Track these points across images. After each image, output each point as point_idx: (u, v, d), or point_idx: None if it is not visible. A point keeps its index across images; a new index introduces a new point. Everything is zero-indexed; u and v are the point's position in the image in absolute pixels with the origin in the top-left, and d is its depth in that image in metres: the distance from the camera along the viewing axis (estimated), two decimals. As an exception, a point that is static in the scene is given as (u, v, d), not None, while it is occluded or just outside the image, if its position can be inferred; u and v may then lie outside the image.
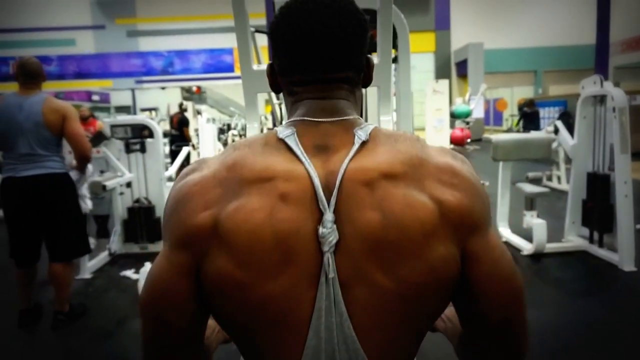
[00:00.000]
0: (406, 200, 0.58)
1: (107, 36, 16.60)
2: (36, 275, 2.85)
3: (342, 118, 0.66)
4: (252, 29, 2.68)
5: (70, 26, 16.32)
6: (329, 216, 0.57)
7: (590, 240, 3.86)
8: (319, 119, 0.65)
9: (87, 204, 3.47)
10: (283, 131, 0.64)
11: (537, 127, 9.16)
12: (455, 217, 0.59)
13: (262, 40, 1.94)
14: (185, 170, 0.66)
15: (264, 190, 0.58)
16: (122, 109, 17.70)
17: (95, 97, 17.87)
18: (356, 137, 0.63)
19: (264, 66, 1.51)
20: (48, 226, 2.72)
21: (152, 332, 0.62)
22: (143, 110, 17.45)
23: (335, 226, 0.57)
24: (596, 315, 2.77)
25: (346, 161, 0.60)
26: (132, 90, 17.41)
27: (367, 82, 0.72)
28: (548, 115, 11.73)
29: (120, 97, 17.92)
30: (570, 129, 4.27)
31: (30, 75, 2.65)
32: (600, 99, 3.77)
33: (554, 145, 5.33)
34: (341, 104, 0.67)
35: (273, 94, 2.96)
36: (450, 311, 0.83)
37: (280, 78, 0.71)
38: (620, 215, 3.48)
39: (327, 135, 0.64)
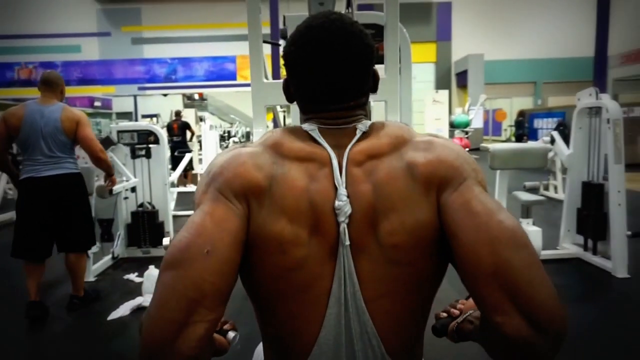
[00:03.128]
0: (388, 171, 0.68)
1: (112, 43, 16.79)
2: (44, 271, 3.03)
3: (350, 125, 0.76)
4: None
5: (76, 33, 16.51)
6: (342, 190, 0.67)
7: (585, 247, 3.94)
8: (333, 127, 0.75)
9: None
10: (308, 126, 0.75)
11: (523, 134, 11.30)
12: (423, 175, 0.67)
13: (266, 49, 2.04)
14: (225, 150, 0.77)
15: (301, 165, 0.69)
16: (123, 115, 17.84)
17: (97, 103, 18.01)
18: (358, 130, 0.74)
19: (274, 80, 1.60)
20: (61, 220, 2.98)
21: (179, 282, 0.58)
22: (144, 116, 17.57)
23: (348, 200, 0.67)
24: (591, 321, 2.84)
25: (348, 147, 0.71)
26: (134, 96, 17.55)
27: (372, 91, 0.80)
28: (547, 126, 11.83)
29: (122, 103, 18.05)
30: (567, 139, 4.37)
31: (48, 84, 2.99)
32: (596, 111, 3.87)
33: (550, 155, 5.42)
34: (352, 119, 0.77)
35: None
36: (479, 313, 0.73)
37: (295, 98, 0.80)
38: (613, 223, 3.56)
39: (339, 137, 0.74)
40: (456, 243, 0.61)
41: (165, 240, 1.40)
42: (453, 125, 11.25)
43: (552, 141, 4.41)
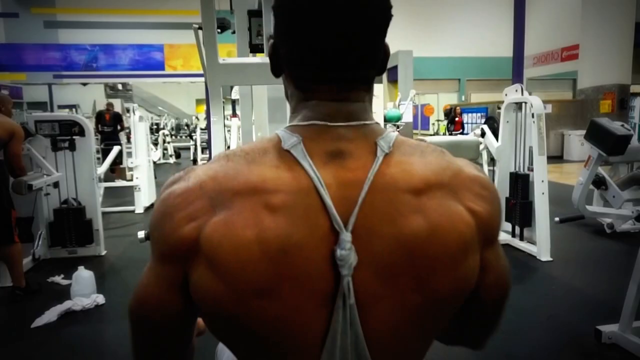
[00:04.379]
0: (444, 211, 0.56)
1: (21, 25, 15.25)
2: None
3: (359, 123, 0.59)
4: (196, 26, 2.64)
5: (-24, 13, 14.84)
6: (346, 236, 0.52)
7: (513, 234, 4.23)
8: (333, 123, 0.58)
9: None
10: (288, 139, 0.57)
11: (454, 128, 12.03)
12: (484, 229, 0.59)
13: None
14: (171, 179, 0.61)
15: (255, 203, 0.53)
16: (36, 105, 16.33)
17: (4, 92, 16.32)
18: (379, 147, 0.57)
19: (229, 60, 1.52)
20: None
21: (140, 337, 0.62)
22: (61, 107, 16.26)
23: (353, 247, 0.53)
24: (520, 300, 3.05)
25: (372, 172, 0.55)
26: (49, 85, 16.15)
27: (382, 71, 0.63)
28: (472, 120, 12.58)
29: (35, 93, 16.54)
30: (495, 132, 4.64)
31: None
32: (520, 106, 4.14)
33: (481, 147, 5.74)
34: (358, 107, 0.60)
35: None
36: None
37: (286, 66, 0.62)
38: (538, 211, 3.85)
39: (342, 140, 0.57)
40: (477, 300, 0.64)
41: (140, 233, 1.30)
42: (386, 120, 11.59)
43: (483, 134, 4.67)
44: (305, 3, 0.55)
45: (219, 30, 2.78)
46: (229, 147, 4.75)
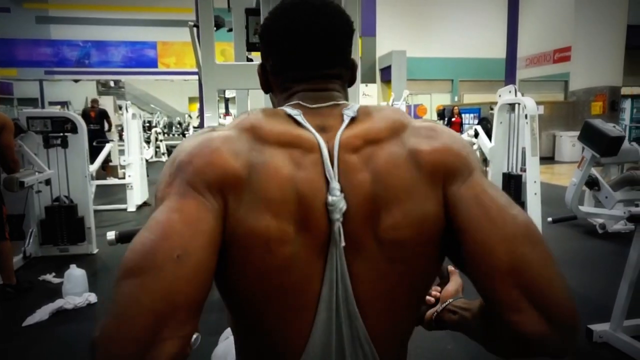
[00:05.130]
0: (389, 158, 0.62)
1: (13, 21, 15.04)
2: None
3: (334, 103, 0.70)
4: (191, 23, 2.62)
5: (-33, 7, 14.61)
6: (335, 184, 0.59)
7: (505, 234, 4.24)
8: (315, 105, 0.69)
9: None
10: (291, 111, 0.66)
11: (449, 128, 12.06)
12: (429, 163, 0.62)
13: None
14: (193, 134, 0.66)
15: (284, 152, 0.60)
16: (27, 102, 16.14)
17: (-6, 87, 16.13)
18: (345, 115, 0.66)
19: (226, 62, 1.52)
20: None
21: (145, 293, 0.50)
22: (52, 103, 16.07)
23: (342, 194, 0.60)
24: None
25: (338, 134, 0.63)
26: (40, 81, 15.96)
27: (351, 82, 0.76)
28: (464, 120, 12.62)
29: (26, 89, 16.33)
30: (488, 133, 4.67)
31: None
32: (513, 107, 4.17)
33: (474, 147, 5.77)
34: (334, 94, 0.71)
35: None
36: (461, 302, 0.78)
37: (273, 77, 0.74)
38: (530, 211, 3.87)
39: (324, 117, 0.67)
40: (468, 239, 0.59)
41: (110, 234, 1.18)
42: (379, 119, 11.67)
43: (476, 135, 4.69)
44: (291, 16, 0.68)
45: (214, 29, 2.77)
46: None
